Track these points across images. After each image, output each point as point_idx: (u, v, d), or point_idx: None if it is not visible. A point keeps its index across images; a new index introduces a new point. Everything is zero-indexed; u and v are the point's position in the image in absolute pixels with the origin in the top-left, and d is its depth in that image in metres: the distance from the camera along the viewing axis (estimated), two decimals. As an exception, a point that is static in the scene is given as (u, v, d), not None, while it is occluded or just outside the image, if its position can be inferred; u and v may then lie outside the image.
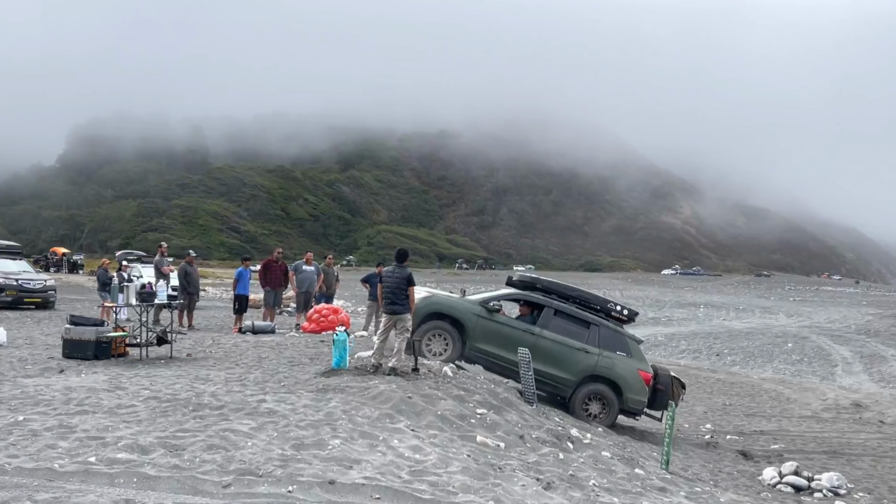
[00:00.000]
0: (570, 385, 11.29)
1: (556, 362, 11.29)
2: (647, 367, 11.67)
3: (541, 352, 11.17)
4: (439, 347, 11.16)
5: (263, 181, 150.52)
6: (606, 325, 11.73)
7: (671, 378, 11.82)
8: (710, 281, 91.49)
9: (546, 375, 11.23)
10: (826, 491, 9.03)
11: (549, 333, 11.41)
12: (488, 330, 11.21)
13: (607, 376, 11.32)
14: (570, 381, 11.28)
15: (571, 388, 11.28)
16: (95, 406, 7.61)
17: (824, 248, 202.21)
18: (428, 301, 11.34)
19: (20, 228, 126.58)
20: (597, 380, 11.31)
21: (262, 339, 14.27)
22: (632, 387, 11.33)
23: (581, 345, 11.42)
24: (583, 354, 11.34)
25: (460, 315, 11.25)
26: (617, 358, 11.47)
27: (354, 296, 36.47)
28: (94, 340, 11.11)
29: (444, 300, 11.58)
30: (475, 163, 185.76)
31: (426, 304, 11.25)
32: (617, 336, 11.70)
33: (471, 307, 11.41)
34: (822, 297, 57.59)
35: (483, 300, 11.67)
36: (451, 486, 5.76)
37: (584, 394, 11.29)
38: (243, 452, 6.07)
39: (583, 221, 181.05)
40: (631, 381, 11.34)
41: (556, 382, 11.36)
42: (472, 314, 11.28)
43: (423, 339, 10.95)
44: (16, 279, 21.19)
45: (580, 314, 11.72)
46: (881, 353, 23.71)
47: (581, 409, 11.22)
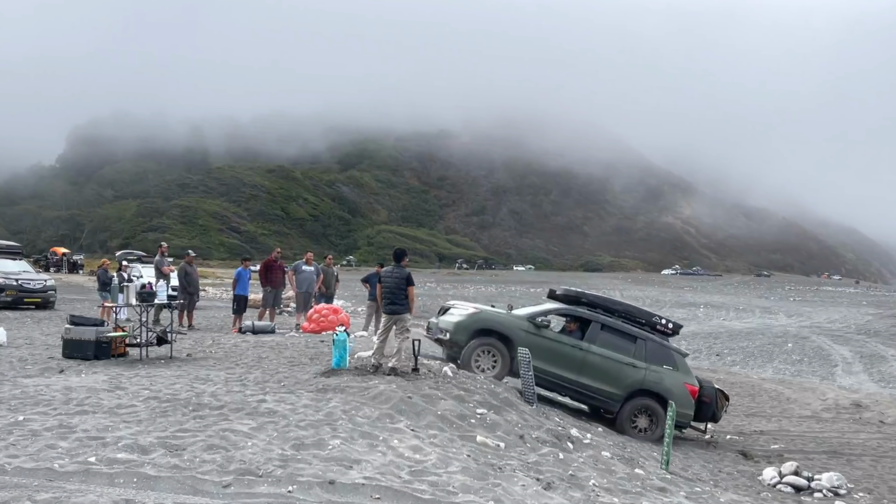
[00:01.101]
0: (618, 400, 11.29)
1: (603, 377, 11.31)
2: (693, 381, 11.70)
3: (589, 367, 11.25)
4: (488, 363, 11.13)
5: (263, 181, 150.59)
6: (653, 339, 11.75)
7: (715, 390, 11.88)
8: (710, 281, 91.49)
9: (594, 390, 11.30)
10: (826, 491, 9.02)
11: (596, 348, 11.43)
12: (536, 345, 11.14)
13: (655, 390, 11.33)
14: (618, 395, 11.29)
15: (619, 402, 11.29)
16: (95, 406, 7.61)
17: (824, 248, 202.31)
18: (475, 317, 11.29)
19: (20, 228, 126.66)
20: (644, 394, 11.33)
21: (262, 339, 14.27)
22: (679, 400, 11.28)
23: (629, 359, 11.43)
24: (630, 369, 11.36)
25: (508, 331, 11.22)
26: (664, 372, 11.50)
27: (354, 296, 36.47)
28: (94, 340, 11.10)
29: (492, 316, 11.50)
30: (474, 163, 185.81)
31: (473, 320, 11.23)
32: (663, 350, 11.73)
33: (518, 323, 11.38)
34: (822, 297, 57.59)
35: (530, 315, 11.60)
36: (451, 486, 5.76)
37: (632, 408, 11.31)
38: (243, 452, 6.07)
39: (583, 221, 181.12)
40: (678, 394, 11.34)
41: (604, 397, 11.40)
42: (519, 330, 11.26)
43: (471, 355, 10.96)
44: (16, 279, 21.19)
45: (627, 328, 11.74)
46: (881, 353, 23.70)
47: (629, 423, 11.26)
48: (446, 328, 11.26)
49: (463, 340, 11.11)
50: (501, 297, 47.35)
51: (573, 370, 11.26)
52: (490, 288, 59.39)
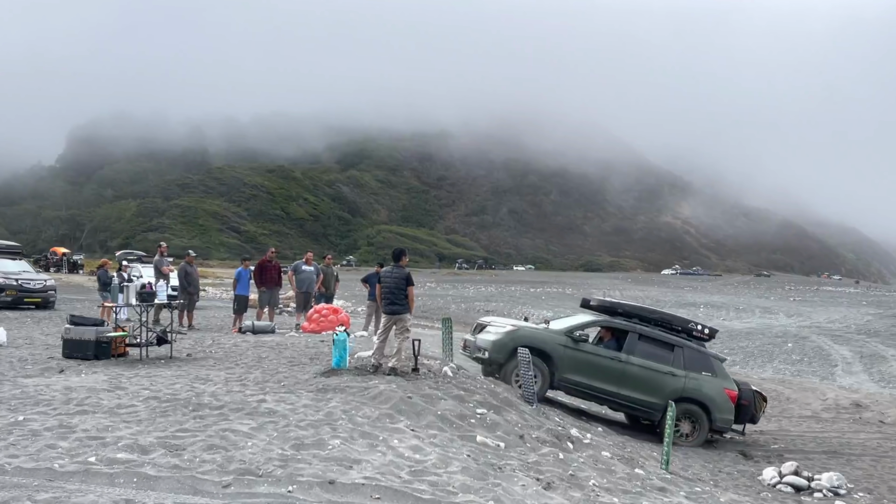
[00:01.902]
0: (659, 409, 11.32)
1: (644, 387, 11.36)
2: (732, 385, 11.74)
3: (629, 378, 11.29)
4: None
5: (263, 181, 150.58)
6: (690, 346, 11.79)
7: (753, 392, 11.92)
8: (710, 281, 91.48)
9: (635, 401, 11.35)
10: (826, 491, 9.03)
11: (635, 359, 11.46)
12: (576, 360, 11.20)
13: (695, 398, 11.40)
14: (659, 405, 11.31)
15: (660, 411, 11.30)
16: (95, 406, 7.61)
17: (824, 248, 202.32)
18: (514, 335, 11.31)
19: (20, 228, 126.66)
20: (685, 401, 11.38)
21: (262, 339, 14.27)
22: (720, 406, 11.42)
23: (668, 368, 11.48)
24: (670, 378, 11.41)
25: (547, 347, 11.25)
26: (703, 379, 11.53)
27: (354, 296, 36.47)
28: (94, 340, 11.10)
29: (530, 333, 11.51)
30: (474, 163, 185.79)
31: (511, 337, 11.24)
32: (701, 356, 11.77)
33: (556, 338, 11.40)
34: (822, 297, 57.57)
35: (568, 329, 11.60)
36: (451, 486, 5.75)
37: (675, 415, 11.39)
38: (243, 452, 6.07)
39: (583, 221, 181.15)
40: (719, 401, 11.42)
41: (645, 407, 11.46)
42: (558, 345, 11.29)
43: (512, 373, 10.97)
44: (16, 279, 21.18)
45: (664, 337, 11.77)
46: (881, 353, 23.70)
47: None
48: (484, 347, 11.30)
49: (502, 359, 11.14)
50: (501, 297, 47.33)
51: (613, 382, 11.31)
52: (490, 288, 59.38)
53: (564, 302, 44.97)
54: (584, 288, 60.33)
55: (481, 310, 39.56)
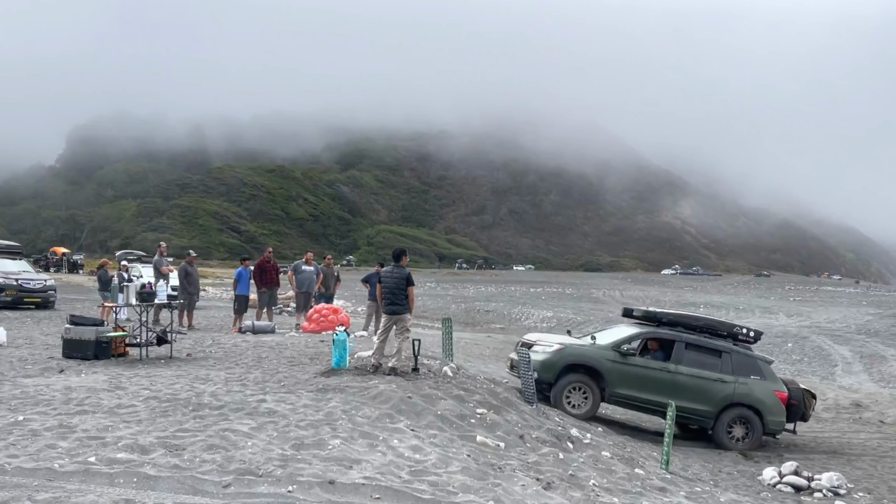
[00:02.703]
0: (711, 416, 11.41)
1: (694, 396, 11.40)
2: (781, 387, 11.78)
3: (679, 388, 11.33)
4: (578, 399, 11.20)
5: (263, 181, 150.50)
6: (737, 351, 11.82)
7: (802, 391, 11.96)
8: (709, 281, 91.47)
9: (686, 410, 11.35)
10: (826, 491, 9.02)
11: (684, 368, 11.51)
12: (625, 373, 11.25)
13: (746, 403, 11.45)
14: (711, 412, 11.40)
15: (712, 419, 11.40)
16: (95, 406, 7.61)
17: (824, 248, 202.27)
18: (561, 354, 11.37)
19: (20, 228, 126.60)
20: (736, 406, 11.44)
21: (262, 339, 14.27)
22: (771, 409, 11.46)
23: (717, 375, 11.50)
24: (719, 384, 11.44)
25: (596, 364, 11.31)
26: (752, 383, 11.57)
27: (354, 296, 36.47)
28: (94, 340, 11.10)
29: (578, 351, 11.56)
30: (474, 163, 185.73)
31: (560, 356, 11.31)
32: (749, 360, 11.80)
33: (604, 353, 11.45)
34: (822, 297, 57.56)
35: (615, 344, 11.63)
36: (451, 486, 5.76)
37: (726, 421, 11.44)
38: (243, 452, 6.07)
39: (583, 221, 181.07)
40: (770, 404, 11.48)
41: (697, 416, 11.51)
42: (606, 360, 11.34)
43: (562, 393, 11.06)
44: (16, 279, 21.17)
45: (710, 343, 11.79)
46: (881, 353, 23.70)
47: (725, 436, 11.39)
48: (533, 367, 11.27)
49: (551, 378, 11.18)
50: (501, 297, 47.31)
51: (663, 393, 11.33)
52: (490, 288, 59.37)
53: (565, 302, 44.95)
54: (583, 288, 60.33)
55: (481, 310, 39.56)
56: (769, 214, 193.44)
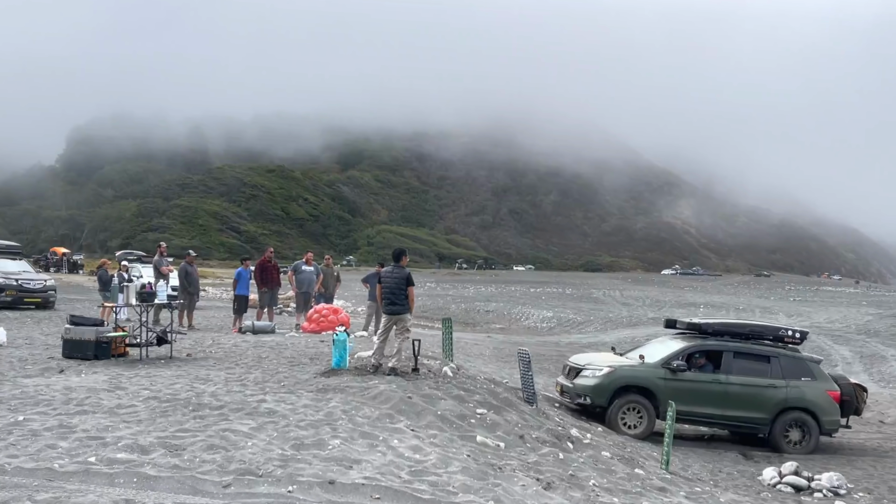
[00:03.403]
0: (767, 423, 11.44)
1: (748, 404, 11.43)
2: (832, 385, 11.77)
3: (731, 398, 11.38)
4: (634, 420, 11.24)
5: (263, 181, 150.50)
6: (785, 354, 11.83)
7: (852, 386, 11.98)
8: (710, 281, 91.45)
9: (741, 419, 11.44)
10: (826, 491, 9.02)
11: (734, 378, 11.52)
12: (678, 390, 11.27)
13: (800, 406, 11.46)
14: (766, 419, 11.43)
15: (768, 425, 11.43)
16: (95, 406, 7.62)
17: (824, 248, 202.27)
18: (613, 376, 11.42)
19: (20, 228, 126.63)
20: (790, 410, 11.46)
21: (262, 339, 14.27)
22: (825, 410, 11.46)
23: (767, 381, 11.52)
24: (771, 390, 11.45)
25: (649, 384, 11.37)
26: (804, 385, 11.57)
27: (354, 296, 36.46)
28: (94, 340, 11.10)
29: (629, 372, 11.59)
30: (474, 163, 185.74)
31: (611, 379, 11.37)
32: (798, 362, 11.80)
33: (654, 372, 11.50)
34: (822, 297, 57.54)
35: (665, 361, 11.65)
36: (451, 486, 5.76)
37: (782, 426, 11.46)
38: (243, 452, 6.07)
39: (583, 221, 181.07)
40: (823, 404, 11.49)
41: (752, 423, 11.55)
42: (658, 379, 11.40)
43: (617, 416, 11.12)
44: (16, 279, 21.17)
45: (758, 349, 11.82)
46: (881, 353, 23.68)
47: (783, 441, 11.41)
48: (585, 392, 11.41)
49: (605, 402, 11.24)
50: (501, 297, 47.29)
51: (717, 405, 11.39)
52: (490, 288, 59.36)
53: (565, 302, 44.94)
54: (583, 288, 60.31)
55: (481, 310, 39.54)
56: (769, 214, 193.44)
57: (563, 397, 12.08)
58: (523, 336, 29.55)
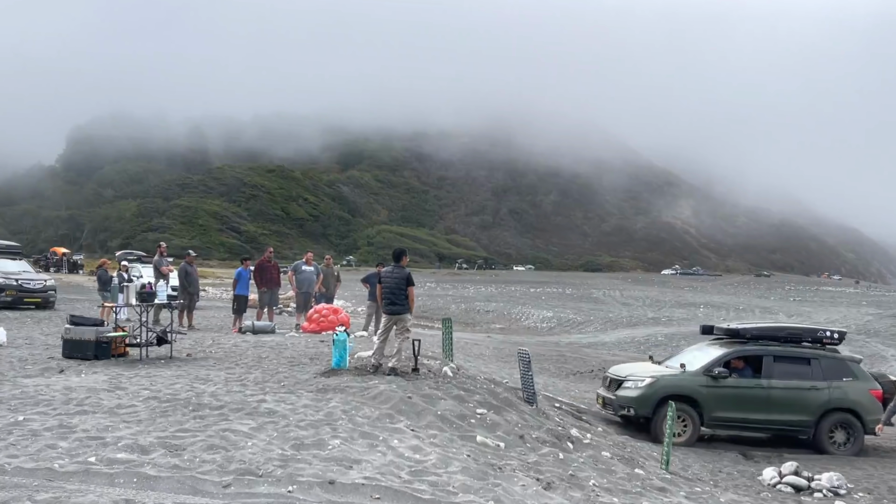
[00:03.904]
0: (811, 426, 11.45)
1: (791, 408, 11.45)
2: (874, 384, 11.79)
3: (774, 402, 11.39)
4: (678, 428, 11.27)
5: (263, 181, 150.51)
6: (825, 355, 11.84)
7: (893, 383, 11.99)
8: (710, 281, 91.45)
9: (785, 423, 11.46)
10: (826, 491, 9.02)
11: (776, 382, 11.54)
12: (721, 396, 11.33)
13: (844, 406, 11.47)
14: (810, 422, 11.44)
15: (812, 428, 11.44)
16: (95, 406, 7.62)
17: (824, 248, 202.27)
18: (656, 387, 11.48)
19: (20, 228, 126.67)
20: (834, 411, 11.47)
21: (262, 339, 14.27)
22: (869, 409, 11.47)
23: (809, 383, 11.52)
24: (813, 393, 11.45)
25: (692, 392, 11.41)
26: (846, 385, 11.58)
27: (354, 296, 36.46)
28: (94, 340, 11.10)
29: (671, 382, 11.63)
30: (474, 163, 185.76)
31: (654, 390, 11.43)
32: (838, 362, 11.81)
33: (697, 379, 11.52)
34: (822, 297, 57.56)
35: (706, 368, 11.65)
36: (451, 486, 5.76)
37: (827, 427, 11.47)
38: (243, 452, 6.07)
39: (583, 221, 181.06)
40: (867, 404, 11.50)
41: (797, 427, 11.57)
42: (700, 387, 11.43)
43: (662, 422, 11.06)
44: (16, 279, 21.17)
45: (797, 352, 11.83)
46: (881, 353, 23.69)
47: (829, 443, 11.43)
48: (629, 404, 11.46)
49: (648, 412, 11.32)
50: (501, 297, 47.30)
51: (760, 410, 11.41)
52: (490, 288, 59.36)
53: (565, 302, 44.95)
54: (583, 288, 60.31)
55: (481, 310, 39.55)
56: (769, 215, 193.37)
57: (605, 410, 12.14)
58: (523, 336, 29.55)
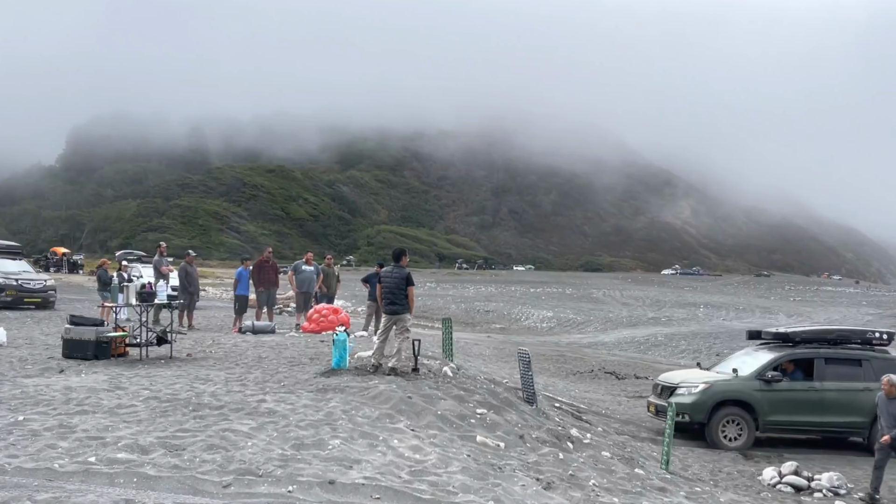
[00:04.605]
0: (865, 427, 11.47)
1: (844, 410, 11.50)
2: None
3: (828, 404, 11.45)
4: (734, 432, 11.35)
5: (263, 181, 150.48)
6: (876, 356, 11.91)
7: None
8: (710, 281, 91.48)
9: (839, 425, 11.50)
10: (826, 491, 9.03)
11: (829, 384, 11.61)
12: (774, 400, 11.40)
13: None
14: (864, 423, 11.46)
15: (867, 429, 11.44)
16: (95, 406, 7.62)
17: (824, 248, 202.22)
18: (710, 393, 11.55)
19: (20, 228, 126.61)
20: None
21: (262, 339, 14.27)
22: None
23: (862, 384, 11.57)
24: (867, 394, 11.43)
25: (746, 397, 11.50)
26: None
27: (354, 296, 36.48)
28: (94, 340, 11.10)
29: (725, 387, 11.70)
30: (475, 163, 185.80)
31: (709, 395, 11.50)
32: (889, 363, 11.83)
33: (751, 384, 11.60)
34: (822, 297, 57.58)
35: (759, 373, 11.72)
36: (451, 486, 5.76)
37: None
38: (243, 452, 6.07)
39: (583, 221, 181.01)
40: None
41: (851, 429, 11.63)
42: (754, 391, 11.52)
43: (717, 429, 11.28)
44: (16, 279, 21.17)
45: (849, 354, 11.89)
46: (881, 353, 23.67)
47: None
48: (683, 410, 11.46)
49: (703, 418, 11.40)
50: (501, 297, 47.30)
51: (814, 413, 11.46)
52: (490, 288, 59.36)
53: (565, 302, 44.95)
54: (583, 288, 60.31)
55: (481, 310, 39.55)
56: (769, 214, 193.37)
57: (658, 417, 12.17)
58: (523, 336, 29.56)
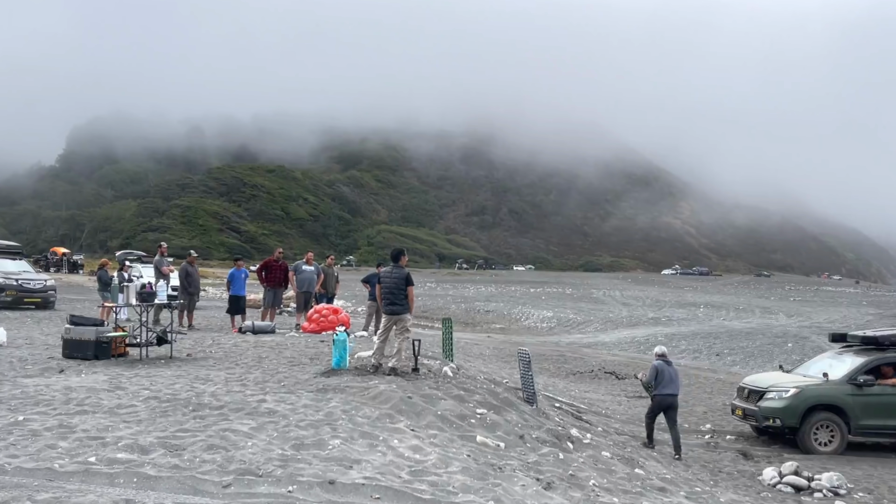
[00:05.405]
0: None
1: None
2: None
3: None
4: (826, 437, 11.35)
5: (263, 181, 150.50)
6: None
7: None
8: (710, 281, 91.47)
9: None
10: (826, 491, 9.03)
11: None
12: (869, 405, 11.38)
13: None
14: None
15: None
16: (95, 406, 7.62)
17: (824, 248, 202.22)
18: (802, 397, 11.54)
19: (20, 228, 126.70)
20: None
21: (262, 339, 14.27)
22: None
23: None
24: None
25: (837, 401, 11.47)
26: None
27: (354, 296, 36.47)
28: (94, 340, 11.10)
29: (816, 392, 11.67)
30: (475, 163, 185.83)
31: (801, 400, 11.49)
32: None
33: (842, 389, 11.57)
34: (822, 297, 57.57)
35: (850, 376, 11.68)
36: (451, 486, 5.76)
37: None
38: (243, 452, 6.07)
39: (582, 221, 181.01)
40: None
41: None
42: (846, 395, 11.49)
43: (809, 434, 11.29)
44: (16, 279, 21.18)
45: None
46: (881, 353, 23.66)
47: None
48: (774, 415, 11.51)
49: (795, 423, 11.38)
50: (501, 297, 47.29)
51: None
52: (490, 288, 59.36)
53: (565, 302, 44.95)
54: (583, 288, 60.31)
55: (481, 310, 39.54)
56: (769, 215, 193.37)
57: (745, 421, 12.19)
58: (523, 336, 29.56)
